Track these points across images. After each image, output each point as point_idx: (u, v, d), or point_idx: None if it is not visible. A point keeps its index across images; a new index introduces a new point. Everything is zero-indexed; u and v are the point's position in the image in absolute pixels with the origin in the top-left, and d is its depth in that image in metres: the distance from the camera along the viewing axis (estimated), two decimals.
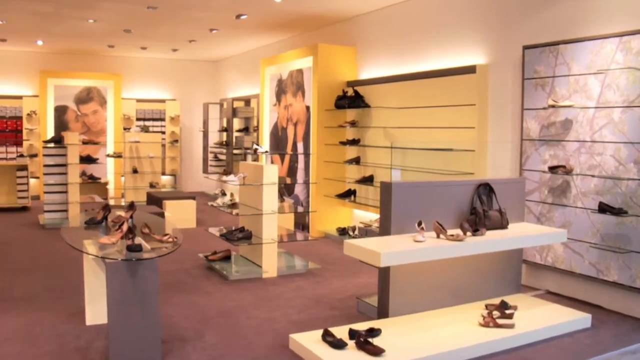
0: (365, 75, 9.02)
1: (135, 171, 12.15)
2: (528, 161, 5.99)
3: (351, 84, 9.03)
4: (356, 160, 8.80)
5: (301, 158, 9.88)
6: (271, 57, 10.97)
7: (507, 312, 4.86)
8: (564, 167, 5.50)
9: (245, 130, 13.01)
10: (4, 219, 10.38)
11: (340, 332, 4.42)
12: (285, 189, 10.51)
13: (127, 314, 4.03)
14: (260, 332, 4.88)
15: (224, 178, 6.53)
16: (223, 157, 13.89)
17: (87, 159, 10.18)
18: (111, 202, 12.36)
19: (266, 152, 6.58)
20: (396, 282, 4.93)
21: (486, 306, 5.07)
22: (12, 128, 12.91)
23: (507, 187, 5.50)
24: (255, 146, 6.71)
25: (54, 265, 7.01)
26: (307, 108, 9.53)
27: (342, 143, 8.93)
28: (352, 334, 4.34)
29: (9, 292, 5.99)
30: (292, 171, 10.29)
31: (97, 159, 10.40)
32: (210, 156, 14.39)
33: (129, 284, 4.02)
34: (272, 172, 6.68)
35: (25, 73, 13.12)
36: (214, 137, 14.36)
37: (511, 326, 4.62)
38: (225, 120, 13.83)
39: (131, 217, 5.01)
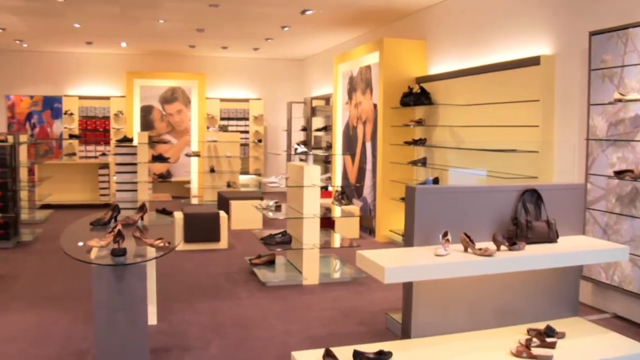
0: (434, 70, 8.40)
1: (212, 170, 12.18)
2: (594, 164, 5.19)
3: (420, 80, 8.44)
4: (422, 162, 8.21)
5: (370, 159, 9.42)
6: (343, 54, 10.58)
7: (549, 340, 4.17)
8: (632, 171, 4.68)
9: (324, 129, 12.71)
10: (81, 216, 10.71)
11: (348, 352, 3.96)
12: (355, 192, 10.10)
13: (112, 320, 3.82)
14: (269, 346, 4.52)
15: (264, 180, 6.23)
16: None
17: (159, 158, 10.27)
18: (194, 201, 12.53)
19: (304, 152, 6.20)
20: (421, 299, 4.37)
21: (528, 331, 4.39)
22: (101, 127, 13.43)
23: (563, 194, 4.75)
24: (295, 146, 6.35)
25: None
26: (375, 106, 9.05)
27: (407, 143, 8.36)
28: (356, 355, 3.87)
29: (46, 289, 6.05)
30: (361, 173, 9.85)
31: (169, 158, 10.48)
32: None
33: (114, 290, 3.81)
34: (313, 174, 6.30)
35: (112, 74, 13.62)
36: (297, 136, 14.19)
37: (548, 358, 3.94)
38: (305, 119, 13.63)
39: (141, 218, 4.84)
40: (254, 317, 5.22)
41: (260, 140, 14.79)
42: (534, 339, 4.19)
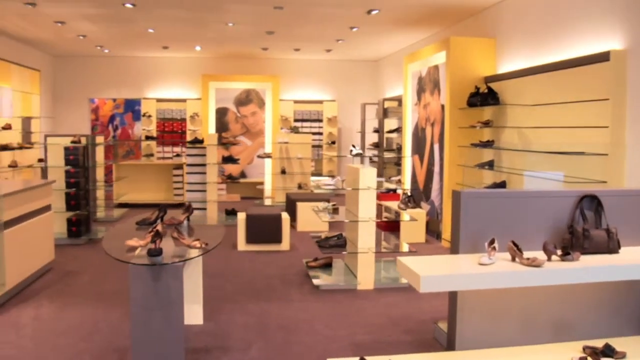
0: (503, 69, 8.05)
1: (283, 172, 12.26)
2: None
3: (488, 79, 8.12)
4: (489, 164, 7.88)
5: (437, 161, 9.16)
6: (412, 54, 10.36)
7: None
8: None
9: (396, 130, 12.51)
10: None
11: None
12: (423, 194, 9.86)
13: (148, 319, 3.87)
14: (310, 351, 4.44)
15: (320, 182, 6.17)
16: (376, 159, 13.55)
17: (229, 159, 10.44)
18: (267, 202, 12.66)
19: (359, 154, 6.08)
20: (467, 308, 4.16)
21: (584, 348, 4.08)
22: (178, 129, 13.86)
23: (628, 201, 4.39)
24: (350, 147, 6.25)
25: None
26: (442, 107, 8.79)
27: (474, 145, 8.05)
28: None
29: (106, 285, 6.25)
30: (429, 175, 9.60)
31: (238, 159, 10.62)
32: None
33: (150, 289, 3.85)
34: (369, 176, 6.16)
35: (188, 77, 14.04)
36: (371, 138, 14.07)
37: None
38: (378, 120, 13.47)
39: (187, 219, 4.89)
40: (301, 320, 5.16)
41: (333, 142, 14.75)
42: (589, 358, 3.89)
